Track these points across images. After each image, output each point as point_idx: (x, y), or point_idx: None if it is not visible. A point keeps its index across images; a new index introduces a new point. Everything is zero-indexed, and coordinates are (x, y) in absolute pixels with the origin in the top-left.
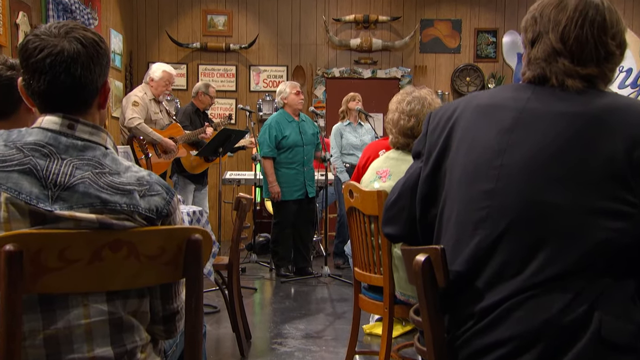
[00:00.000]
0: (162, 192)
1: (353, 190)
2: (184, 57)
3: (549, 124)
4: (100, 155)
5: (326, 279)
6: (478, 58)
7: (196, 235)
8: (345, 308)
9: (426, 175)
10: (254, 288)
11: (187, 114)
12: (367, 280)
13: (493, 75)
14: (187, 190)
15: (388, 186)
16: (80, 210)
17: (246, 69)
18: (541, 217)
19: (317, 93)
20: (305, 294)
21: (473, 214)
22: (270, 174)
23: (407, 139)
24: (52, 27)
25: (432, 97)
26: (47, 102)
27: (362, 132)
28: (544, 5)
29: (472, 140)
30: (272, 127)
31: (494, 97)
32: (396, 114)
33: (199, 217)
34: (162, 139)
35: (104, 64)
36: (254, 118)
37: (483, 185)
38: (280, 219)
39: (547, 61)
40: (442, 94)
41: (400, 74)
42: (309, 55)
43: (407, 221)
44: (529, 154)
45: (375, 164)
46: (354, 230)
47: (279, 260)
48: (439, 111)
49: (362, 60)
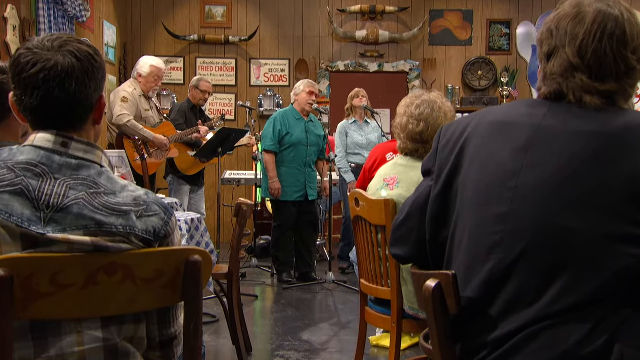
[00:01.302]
0: (160, 212)
1: (359, 199)
2: (180, 50)
3: (565, 144)
4: (95, 174)
5: (330, 285)
6: (490, 51)
7: (195, 257)
8: (350, 317)
9: (436, 195)
10: (254, 295)
11: (181, 112)
12: (374, 293)
13: (506, 68)
14: (182, 191)
15: (396, 194)
16: (74, 232)
17: (246, 62)
18: (557, 243)
19: (320, 88)
20: (308, 301)
21: (486, 238)
22: (272, 169)
23: (416, 144)
24: (45, 41)
25: (443, 101)
26: (40, 119)
27: (368, 131)
28: (560, 17)
29: (485, 159)
30: (278, 121)
31: (508, 113)
32: (404, 118)
33: (197, 225)
34: (154, 136)
35: (99, 79)
36: (254, 115)
37: (496, 207)
38: (281, 222)
39: (563, 76)
40: (453, 89)
41: (408, 67)
42: (313, 48)
43: (416, 242)
44: (544, 175)
45: (383, 170)
46: (360, 240)
47: (280, 266)
48: (450, 127)
49: (368, 53)
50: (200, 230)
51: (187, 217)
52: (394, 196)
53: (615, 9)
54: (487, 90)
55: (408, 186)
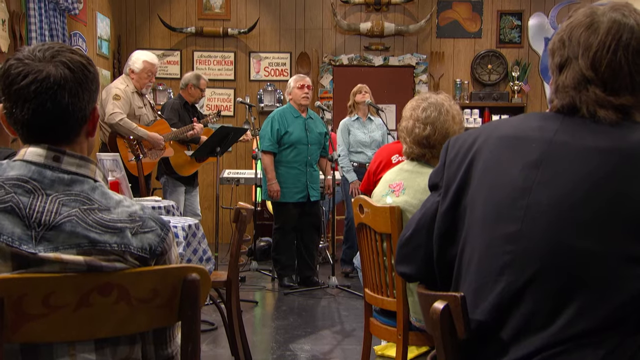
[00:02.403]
0: (156, 228)
1: (363, 205)
2: (177, 42)
3: (579, 161)
4: (89, 189)
5: (333, 290)
6: (501, 43)
7: (193, 275)
8: (354, 324)
9: (444, 211)
10: (254, 301)
11: (174, 109)
12: (379, 303)
13: (518, 62)
14: (178, 192)
15: (402, 201)
16: (67, 251)
17: (246, 56)
18: (570, 265)
19: (323, 82)
20: (310, 308)
21: (496, 259)
22: (270, 171)
23: (422, 149)
24: (36, 51)
25: (450, 103)
26: (32, 132)
27: (371, 128)
28: (573, 27)
29: (495, 175)
30: (275, 120)
31: (519, 127)
32: (410, 121)
33: (194, 231)
34: (149, 134)
35: (93, 89)
36: (254, 113)
37: (507, 226)
38: (281, 224)
39: (576, 89)
40: (461, 83)
41: (414, 61)
42: (315, 40)
43: (423, 260)
44: (557, 193)
45: (388, 175)
46: (364, 248)
47: (281, 269)
48: (458, 140)
49: (373, 46)
50: (198, 236)
51: (184, 224)
52: (399, 203)
53: (631, 19)
54: (498, 84)
55: (414, 193)
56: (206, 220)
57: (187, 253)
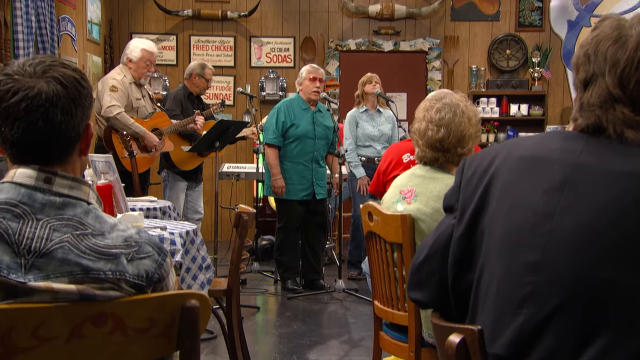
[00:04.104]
0: (153, 253)
1: (373, 213)
2: (173, 26)
3: (605, 185)
4: (82, 213)
5: (340, 294)
6: (520, 27)
7: (192, 302)
8: (362, 333)
9: (460, 236)
10: (256, 307)
11: (177, 100)
12: (389, 317)
13: (538, 47)
14: (178, 188)
15: (414, 209)
16: (58, 280)
17: (246, 40)
18: (596, 297)
19: (329, 69)
20: (315, 314)
21: (516, 289)
22: (274, 165)
23: (435, 152)
24: (26, 65)
25: (466, 104)
26: (21, 152)
27: (380, 121)
28: (599, 40)
29: (514, 199)
30: (282, 112)
31: (540, 147)
32: (423, 123)
33: (192, 237)
34: (145, 133)
35: (86, 105)
36: (255, 104)
37: (528, 254)
38: (285, 223)
39: (602, 108)
40: (477, 70)
41: (427, 46)
42: (320, 24)
43: (437, 287)
44: (581, 220)
45: (399, 181)
46: (374, 259)
47: (284, 272)
48: (475, 160)
49: (383, 31)
50: (196, 243)
51: (181, 230)
52: (411, 211)
53: None
54: (517, 71)
55: (427, 200)
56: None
57: (185, 261)
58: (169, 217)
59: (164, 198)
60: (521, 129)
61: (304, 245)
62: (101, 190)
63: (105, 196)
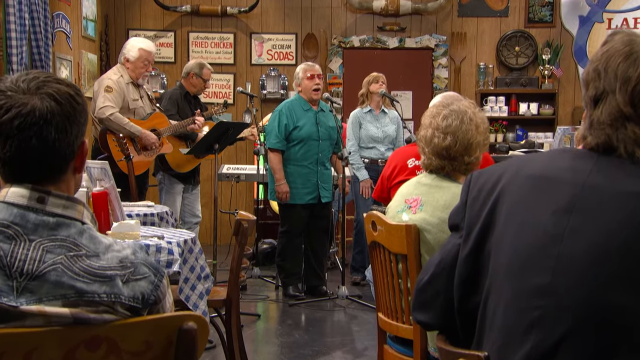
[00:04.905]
0: (149, 274)
1: (376, 222)
2: (170, 23)
3: (615, 206)
4: (76, 233)
5: (343, 300)
6: (530, 23)
7: (189, 324)
8: (366, 342)
9: (466, 256)
10: (256, 314)
11: (173, 100)
12: (394, 330)
13: (549, 43)
14: (175, 191)
15: (419, 219)
16: (51, 303)
17: (246, 37)
18: (607, 323)
19: (332, 67)
20: (318, 322)
21: (524, 313)
22: (278, 170)
23: (442, 160)
24: (19, 81)
25: (474, 111)
26: (14, 171)
27: (385, 122)
28: (609, 56)
29: (522, 220)
30: (283, 115)
31: (548, 166)
32: (429, 130)
33: (190, 247)
34: (142, 132)
35: (81, 122)
36: (256, 104)
37: (536, 278)
38: (288, 227)
39: (613, 126)
40: (485, 67)
41: (433, 42)
42: (323, 20)
43: (442, 308)
44: (590, 242)
45: (405, 189)
46: (377, 270)
47: (286, 277)
48: (481, 177)
49: (388, 27)
50: (195, 252)
51: (179, 239)
52: (416, 221)
53: None
54: (526, 69)
55: (433, 210)
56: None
57: (183, 271)
58: (167, 222)
59: (160, 201)
60: (531, 128)
61: (306, 250)
62: (96, 197)
63: (101, 204)
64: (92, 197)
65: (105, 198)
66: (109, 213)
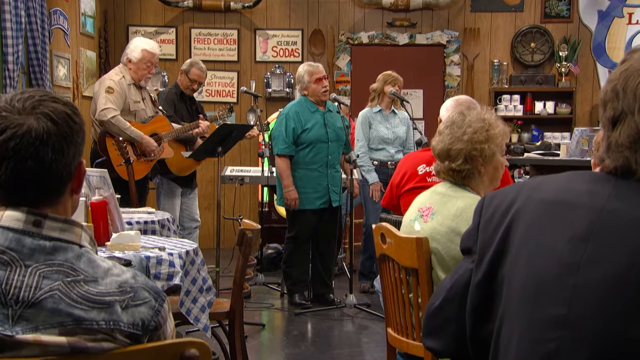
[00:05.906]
0: (150, 299)
1: (385, 234)
2: (172, 18)
3: (634, 234)
4: (74, 257)
5: (351, 309)
6: (546, 18)
7: (191, 351)
8: (375, 354)
9: (478, 282)
10: (261, 324)
11: (169, 100)
12: (404, 347)
13: (566, 40)
14: (174, 195)
15: (429, 228)
16: (48, 331)
17: (251, 33)
18: (624, 357)
19: (339, 64)
20: (325, 332)
21: (539, 345)
22: (286, 177)
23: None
24: (14, 101)
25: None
26: (9, 193)
27: (395, 123)
28: (628, 75)
29: (536, 246)
30: (290, 119)
31: (564, 189)
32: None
33: (192, 257)
34: (142, 138)
35: (79, 142)
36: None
37: (552, 308)
38: (296, 233)
39: (632, 149)
40: (500, 65)
41: (445, 39)
42: (330, 15)
43: (454, 336)
44: (609, 272)
45: (421, 198)
46: (387, 283)
47: (292, 285)
48: (494, 199)
49: (398, 22)
50: (197, 263)
51: (180, 250)
52: (426, 230)
53: None
54: (542, 66)
55: (443, 219)
56: (205, 222)
57: (185, 283)
58: (169, 230)
59: (158, 206)
60: (547, 128)
61: (314, 255)
62: (95, 207)
63: (100, 213)
64: (91, 207)
65: (105, 207)
66: (108, 223)
